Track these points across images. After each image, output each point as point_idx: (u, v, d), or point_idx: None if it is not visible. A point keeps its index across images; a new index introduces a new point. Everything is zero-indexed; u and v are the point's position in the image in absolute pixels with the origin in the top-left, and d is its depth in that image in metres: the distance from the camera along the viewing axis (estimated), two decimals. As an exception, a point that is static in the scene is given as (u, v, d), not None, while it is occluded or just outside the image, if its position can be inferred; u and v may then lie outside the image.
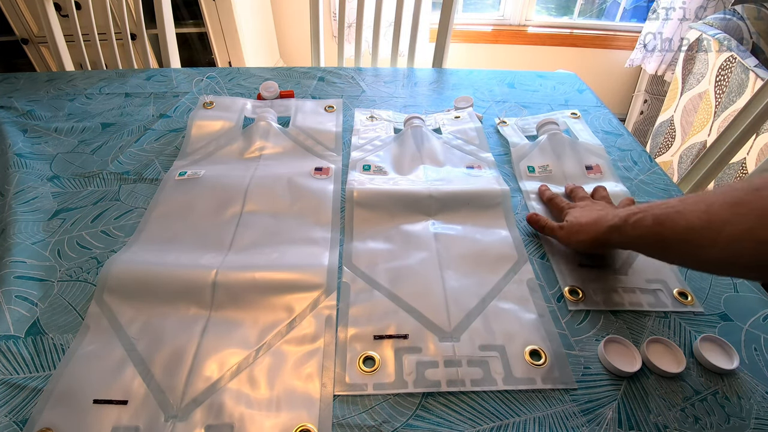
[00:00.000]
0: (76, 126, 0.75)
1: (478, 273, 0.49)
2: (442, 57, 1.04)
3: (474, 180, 0.61)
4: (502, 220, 0.56)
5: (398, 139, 0.70)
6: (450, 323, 0.43)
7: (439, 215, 0.56)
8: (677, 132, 1.59)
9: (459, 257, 0.51)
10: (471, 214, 0.56)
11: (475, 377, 0.39)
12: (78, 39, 1.01)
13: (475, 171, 0.64)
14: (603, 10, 1.99)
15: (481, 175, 0.63)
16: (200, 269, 0.46)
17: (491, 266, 0.50)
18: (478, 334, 0.43)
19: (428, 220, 0.55)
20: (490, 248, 0.52)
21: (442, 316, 0.44)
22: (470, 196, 0.58)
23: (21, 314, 0.44)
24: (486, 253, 0.51)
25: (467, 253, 0.51)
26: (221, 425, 0.35)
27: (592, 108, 0.82)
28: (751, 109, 0.69)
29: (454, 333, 0.43)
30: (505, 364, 0.40)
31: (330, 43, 2.00)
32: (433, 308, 0.45)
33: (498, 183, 0.60)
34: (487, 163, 0.66)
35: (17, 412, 0.36)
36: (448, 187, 0.58)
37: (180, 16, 1.65)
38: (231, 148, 0.68)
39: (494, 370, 0.40)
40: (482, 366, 0.40)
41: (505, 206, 0.57)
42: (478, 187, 0.59)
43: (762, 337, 0.42)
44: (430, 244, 0.52)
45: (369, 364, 0.40)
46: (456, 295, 0.46)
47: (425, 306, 0.45)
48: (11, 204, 0.57)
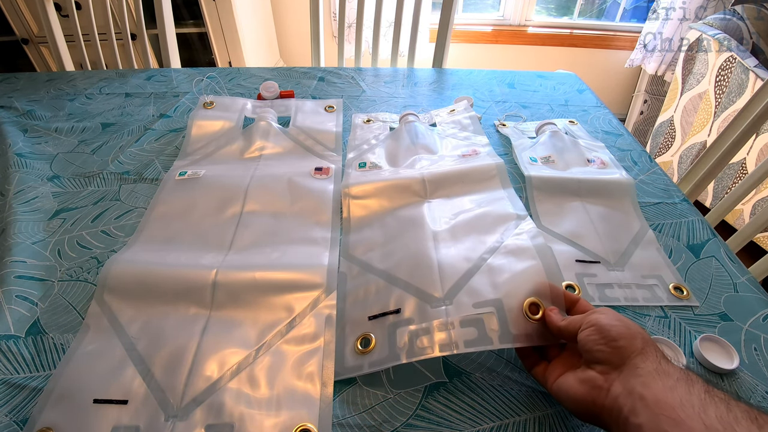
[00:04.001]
0: (77, 126, 0.75)
1: (474, 237, 0.48)
2: (442, 57, 1.04)
3: (468, 160, 0.61)
4: (499, 187, 0.55)
5: (393, 135, 0.70)
6: (442, 289, 0.42)
7: (434, 195, 0.56)
8: (677, 132, 1.59)
9: (454, 227, 0.50)
10: (466, 188, 0.56)
11: (469, 338, 0.38)
12: (78, 39, 1.01)
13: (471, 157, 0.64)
14: (603, 11, 1.99)
15: (477, 156, 0.63)
16: (200, 269, 0.46)
17: (489, 228, 0.49)
18: (472, 293, 0.41)
19: (423, 201, 0.55)
20: (487, 213, 0.51)
21: (435, 283, 0.43)
22: (464, 173, 0.58)
23: (21, 314, 0.44)
24: (483, 217, 0.51)
25: (463, 221, 0.51)
26: (221, 425, 0.35)
27: (592, 108, 0.82)
28: (751, 109, 0.69)
29: (446, 297, 0.41)
30: (501, 320, 0.38)
31: (330, 43, 2.00)
32: (425, 278, 0.44)
33: (492, 158, 0.60)
34: (481, 144, 0.66)
35: (17, 412, 0.36)
36: (441, 169, 0.58)
37: (180, 16, 1.65)
38: (231, 148, 0.68)
39: (489, 327, 0.38)
40: (476, 325, 0.38)
41: (501, 176, 0.57)
42: (471, 164, 0.59)
43: (762, 337, 0.42)
44: (424, 222, 0.51)
45: (366, 346, 0.40)
46: (450, 261, 0.45)
47: (417, 278, 0.44)
48: (11, 204, 0.57)
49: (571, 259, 0.50)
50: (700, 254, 0.52)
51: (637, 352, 0.31)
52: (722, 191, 1.42)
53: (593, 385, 0.32)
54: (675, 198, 0.60)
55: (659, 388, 0.29)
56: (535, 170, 0.61)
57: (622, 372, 0.31)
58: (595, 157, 0.65)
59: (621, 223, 0.55)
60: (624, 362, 0.31)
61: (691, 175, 0.79)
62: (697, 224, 0.56)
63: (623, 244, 0.52)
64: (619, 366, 0.31)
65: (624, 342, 0.32)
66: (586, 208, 0.57)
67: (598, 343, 0.33)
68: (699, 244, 0.53)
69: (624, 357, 0.32)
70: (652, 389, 0.29)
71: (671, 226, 0.56)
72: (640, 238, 0.53)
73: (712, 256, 0.52)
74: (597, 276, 0.48)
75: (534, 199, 0.58)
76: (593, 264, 0.50)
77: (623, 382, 0.30)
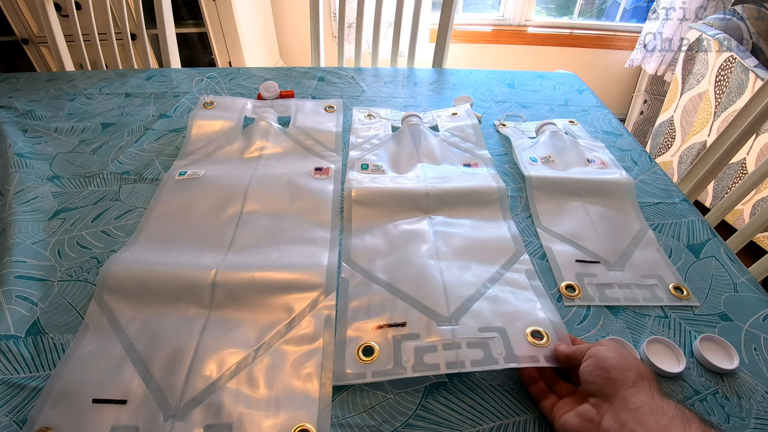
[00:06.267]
0: (77, 126, 0.75)
1: (475, 263, 0.49)
2: (442, 57, 1.04)
3: (471, 177, 0.61)
4: (499, 216, 0.56)
5: (396, 137, 0.70)
6: (448, 309, 0.43)
7: (436, 212, 0.56)
8: (677, 132, 1.59)
9: (456, 249, 0.51)
10: (468, 210, 0.57)
11: (476, 358, 0.39)
12: (78, 39, 1.01)
13: (472, 169, 0.64)
14: (603, 11, 1.99)
15: (478, 173, 0.63)
16: (200, 269, 0.46)
17: (489, 257, 0.50)
18: (477, 318, 0.42)
19: (426, 216, 0.56)
20: (488, 241, 0.52)
21: (440, 302, 0.44)
22: (467, 193, 0.58)
23: (21, 314, 0.44)
24: (483, 245, 0.51)
25: (465, 245, 0.51)
26: (220, 425, 0.35)
27: (592, 108, 0.82)
28: (751, 109, 0.69)
29: (452, 317, 0.42)
30: (506, 344, 0.40)
31: (330, 43, 2.00)
32: (431, 295, 0.44)
33: (495, 181, 0.60)
34: (484, 160, 0.66)
35: (18, 412, 0.36)
36: (445, 185, 0.59)
37: (180, 16, 1.65)
38: (231, 148, 0.68)
39: (495, 350, 0.39)
40: (482, 347, 0.40)
41: (502, 203, 0.57)
42: (474, 184, 0.59)
43: (762, 337, 0.42)
44: (427, 238, 0.52)
45: (368, 354, 0.40)
46: (454, 283, 0.46)
47: (423, 294, 0.45)
48: (11, 204, 0.57)
49: (571, 259, 0.50)
50: (700, 254, 0.52)
51: (629, 385, 0.31)
52: (722, 191, 1.42)
53: (586, 419, 0.32)
54: (675, 198, 0.60)
55: (653, 425, 0.28)
56: (535, 170, 0.61)
57: (613, 404, 0.31)
58: (595, 157, 0.65)
59: (621, 223, 0.55)
60: (615, 394, 0.31)
61: (691, 175, 0.79)
62: (697, 224, 0.56)
63: (623, 244, 0.52)
64: (610, 398, 0.31)
65: (616, 374, 0.32)
66: (586, 208, 0.57)
67: (592, 374, 0.33)
68: (699, 244, 0.53)
69: (615, 388, 0.31)
70: (645, 426, 0.28)
71: (671, 226, 0.56)
72: (640, 238, 0.53)
73: (712, 256, 0.51)
74: (597, 276, 0.48)
75: (534, 199, 0.58)
76: (593, 264, 0.50)
77: (614, 414, 0.30)
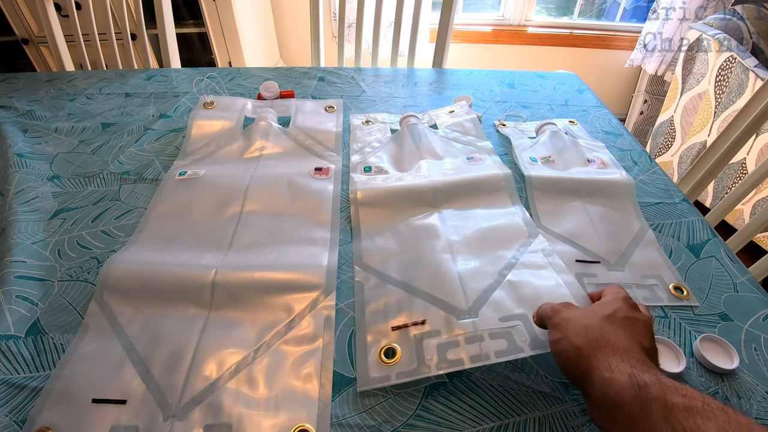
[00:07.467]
0: (77, 126, 0.75)
1: (489, 251, 0.49)
2: (442, 57, 1.04)
3: (475, 168, 0.61)
4: (508, 202, 0.56)
5: (396, 138, 0.70)
6: (467, 301, 0.43)
7: (444, 205, 0.56)
8: (677, 132, 1.59)
9: (469, 240, 0.50)
10: (476, 200, 0.57)
11: (500, 348, 0.38)
12: (78, 39, 1.01)
13: (475, 161, 0.64)
14: (603, 10, 1.99)
15: (482, 163, 0.63)
16: (200, 269, 0.46)
17: (503, 244, 0.50)
18: (497, 307, 0.42)
19: (435, 211, 0.55)
20: (500, 228, 0.52)
21: (458, 295, 0.43)
22: (473, 183, 0.58)
23: (21, 314, 0.44)
24: (496, 233, 0.51)
25: (477, 235, 0.51)
26: (220, 425, 0.35)
27: (592, 108, 0.82)
28: (751, 109, 0.69)
29: (471, 310, 0.42)
30: (530, 330, 0.39)
31: (330, 43, 2.00)
32: (448, 290, 0.44)
33: (500, 168, 0.60)
34: (486, 150, 0.66)
35: (18, 412, 0.36)
36: (450, 178, 0.59)
37: (180, 16, 1.65)
38: (231, 148, 0.68)
39: (519, 338, 0.39)
40: (506, 336, 0.39)
41: (509, 189, 0.58)
42: (480, 174, 0.59)
43: (762, 337, 0.42)
44: (439, 233, 0.52)
45: (390, 356, 0.40)
46: (470, 274, 0.46)
47: (439, 289, 0.44)
48: (11, 204, 0.57)
49: (571, 259, 0.50)
50: (700, 254, 0.52)
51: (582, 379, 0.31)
52: (722, 191, 1.42)
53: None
54: (675, 198, 0.60)
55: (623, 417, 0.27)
56: (535, 170, 0.61)
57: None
58: (595, 157, 0.65)
59: (621, 223, 0.55)
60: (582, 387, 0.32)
61: (691, 175, 0.79)
62: (697, 224, 0.56)
63: (623, 244, 0.52)
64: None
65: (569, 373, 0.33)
66: (586, 208, 0.57)
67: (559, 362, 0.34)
68: (699, 244, 0.53)
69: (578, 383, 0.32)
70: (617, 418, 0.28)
71: (671, 226, 0.56)
72: (640, 238, 0.53)
73: (712, 256, 0.51)
74: (597, 276, 0.48)
75: (534, 199, 0.58)
76: (593, 264, 0.50)
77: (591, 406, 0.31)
